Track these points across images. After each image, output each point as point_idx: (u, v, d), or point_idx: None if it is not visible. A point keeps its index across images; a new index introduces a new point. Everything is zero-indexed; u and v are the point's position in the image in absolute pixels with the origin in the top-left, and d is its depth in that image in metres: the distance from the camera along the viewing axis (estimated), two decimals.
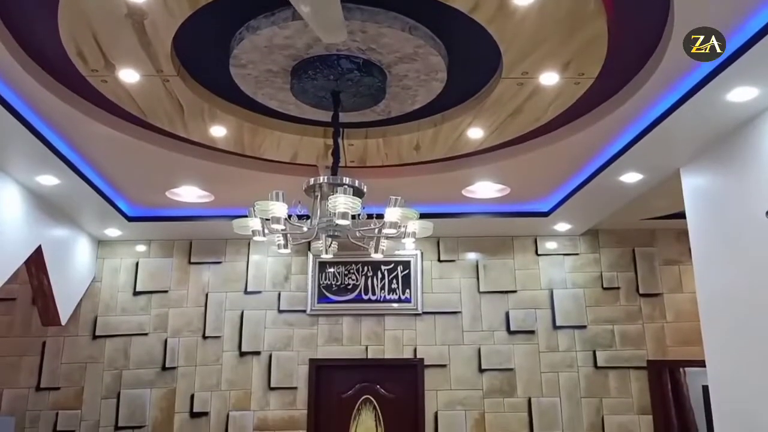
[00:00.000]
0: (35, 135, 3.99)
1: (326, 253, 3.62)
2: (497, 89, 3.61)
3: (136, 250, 6.44)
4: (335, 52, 3.31)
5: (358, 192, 3.30)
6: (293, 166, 4.76)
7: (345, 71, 3.38)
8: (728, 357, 4.07)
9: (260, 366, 6.14)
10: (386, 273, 6.32)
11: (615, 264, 6.33)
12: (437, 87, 3.67)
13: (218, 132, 4.20)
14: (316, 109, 3.79)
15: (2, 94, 3.58)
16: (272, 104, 3.88)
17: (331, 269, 6.32)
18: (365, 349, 6.18)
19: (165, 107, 3.85)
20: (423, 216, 3.45)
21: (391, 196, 3.24)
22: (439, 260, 6.40)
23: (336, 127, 3.67)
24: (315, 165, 4.71)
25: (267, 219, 3.21)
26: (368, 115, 4.00)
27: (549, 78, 3.49)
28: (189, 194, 5.35)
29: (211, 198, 5.41)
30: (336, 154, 3.65)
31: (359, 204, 3.14)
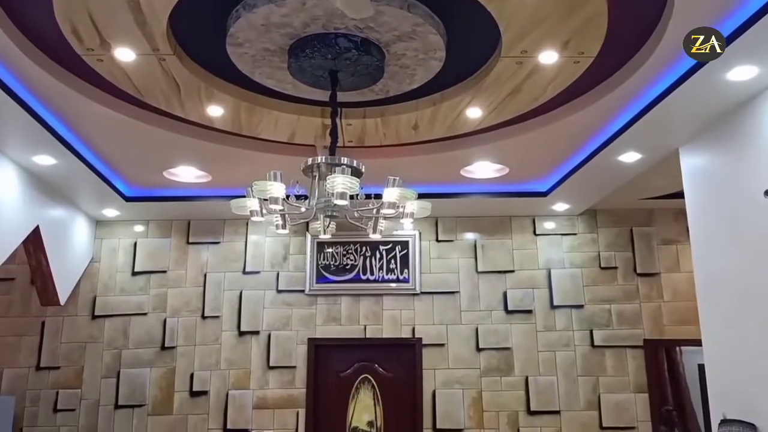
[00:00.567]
0: (31, 114, 3.96)
1: (324, 234, 3.62)
2: (496, 68, 3.59)
3: (134, 231, 6.44)
4: (333, 31, 3.29)
5: (357, 172, 3.29)
6: (291, 146, 4.74)
7: (343, 50, 3.35)
8: (724, 336, 4.09)
9: (259, 345, 6.17)
10: (384, 253, 6.33)
11: (613, 244, 6.34)
12: (436, 66, 3.64)
13: (215, 112, 4.18)
14: (314, 89, 3.77)
15: None
16: (269, 83, 3.86)
17: (330, 249, 6.33)
18: (363, 329, 6.20)
19: (161, 86, 3.82)
20: (421, 196, 3.44)
21: (390, 176, 3.23)
22: (438, 240, 6.41)
23: (334, 107, 3.64)
24: (313, 145, 4.69)
25: (265, 199, 3.21)
26: (366, 95, 3.98)
27: (548, 57, 3.46)
28: (186, 174, 5.34)
29: (209, 178, 5.40)
30: (334, 134, 3.64)
31: (357, 184, 3.13)
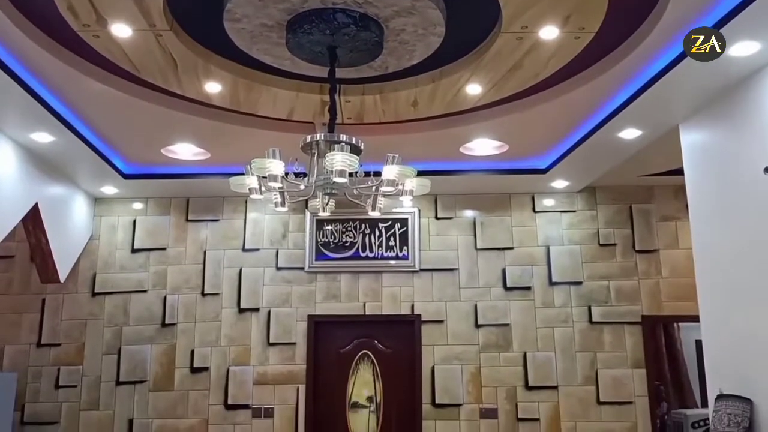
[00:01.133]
0: (28, 92, 3.94)
1: (324, 211, 3.63)
2: (496, 44, 3.56)
3: (133, 208, 6.44)
4: (331, 6, 3.25)
5: (356, 149, 3.29)
6: (289, 123, 4.72)
7: (341, 25, 3.32)
8: (722, 312, 4.12)
9: (259, 322, 6.20)
10: (384, 230, 6.34)
11: (612, 221, 6.34)
12: (435, 42, 3.62)
13: (213, 88, 4.15)
14: (312, 65, 3.74)
15: None
16: (267, 59, 3.83)
17: (329, 227, 6.33)
18: (363, 306, 6.23)
19: (158, 63, 3.79)
20: (420, 173, 3.44)
21: (389, 154, 3.22)
22: (437, 218, 6.41)
23: (332, 83, 3.62)
24: (311, 122, 4.67)
25: (264, 177, 3.20)
26: (365, 71, 3.95)
27: (549, 32, 3.43)
28: (185, 151, 5.32)
29: (207, 155, 5.38)
30: (333, 111, 3.62)
31: (356, 161, 3.13)
